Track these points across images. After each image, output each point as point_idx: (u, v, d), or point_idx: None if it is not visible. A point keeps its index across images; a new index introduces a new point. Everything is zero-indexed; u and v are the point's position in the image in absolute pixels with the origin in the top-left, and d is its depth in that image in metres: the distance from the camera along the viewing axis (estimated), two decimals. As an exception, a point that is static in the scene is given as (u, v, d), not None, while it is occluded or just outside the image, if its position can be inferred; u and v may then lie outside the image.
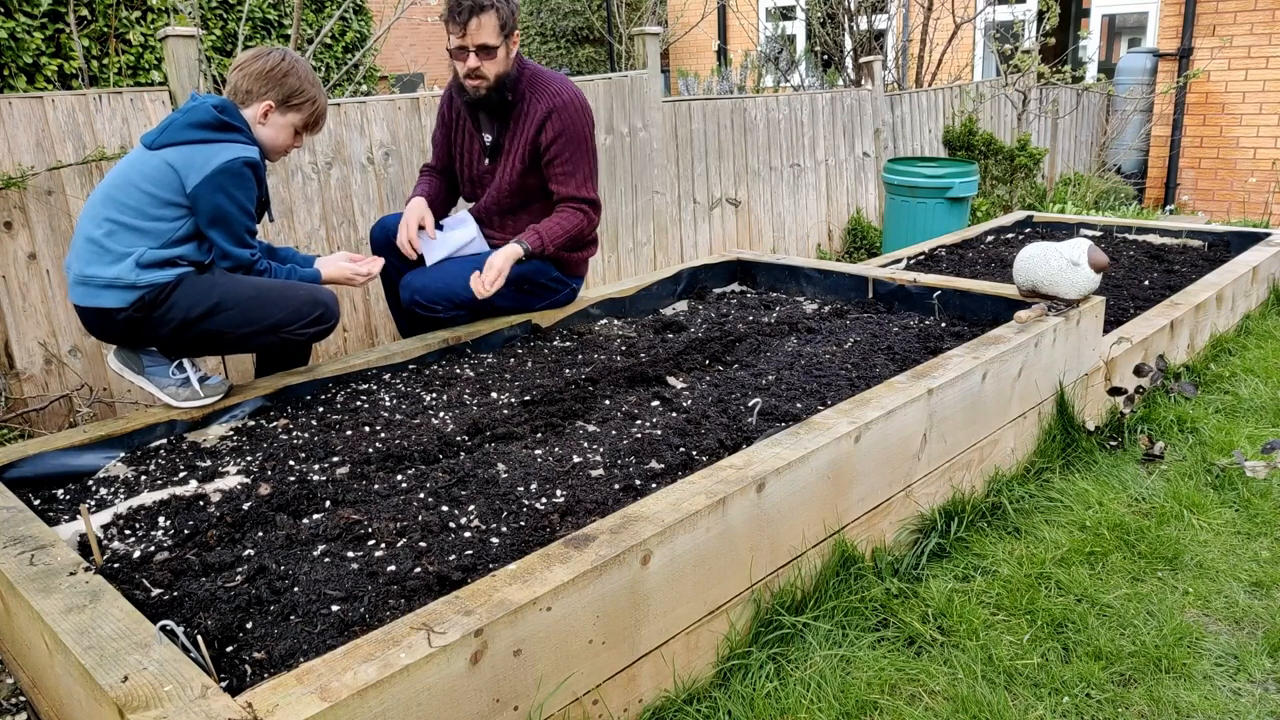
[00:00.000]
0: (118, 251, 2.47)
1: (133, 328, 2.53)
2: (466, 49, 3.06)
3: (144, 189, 2.49)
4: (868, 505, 2.37)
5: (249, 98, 2.64)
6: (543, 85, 3.22)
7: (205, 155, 2.50)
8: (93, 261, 2.47)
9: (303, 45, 6.16)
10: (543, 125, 3.19)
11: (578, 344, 3.25)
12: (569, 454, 2.36)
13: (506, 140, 3.26)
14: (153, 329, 2.54)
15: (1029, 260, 3.13)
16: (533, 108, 3.20)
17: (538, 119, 3.19)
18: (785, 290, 3.95)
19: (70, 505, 2.18)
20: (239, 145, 2.56)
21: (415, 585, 1.78)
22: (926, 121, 7.22)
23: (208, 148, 2.52)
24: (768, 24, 10.67)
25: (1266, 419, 3.43)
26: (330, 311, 2.77)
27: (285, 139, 2.72)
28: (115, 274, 2.46)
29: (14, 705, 2.02)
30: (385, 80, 10.58)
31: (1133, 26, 11.04)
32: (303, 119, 2.71)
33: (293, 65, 2.66)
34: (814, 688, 1.98)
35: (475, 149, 3.34)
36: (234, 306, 2.58)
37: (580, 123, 3.23)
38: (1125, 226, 5.52)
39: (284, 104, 2.66)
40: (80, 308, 2.54)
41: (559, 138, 3.19)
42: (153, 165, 2.50)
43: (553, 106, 3.18)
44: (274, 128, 2.68)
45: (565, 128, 3.19)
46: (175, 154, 2.50)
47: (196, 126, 2.54)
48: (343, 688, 1.38)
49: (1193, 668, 2.09)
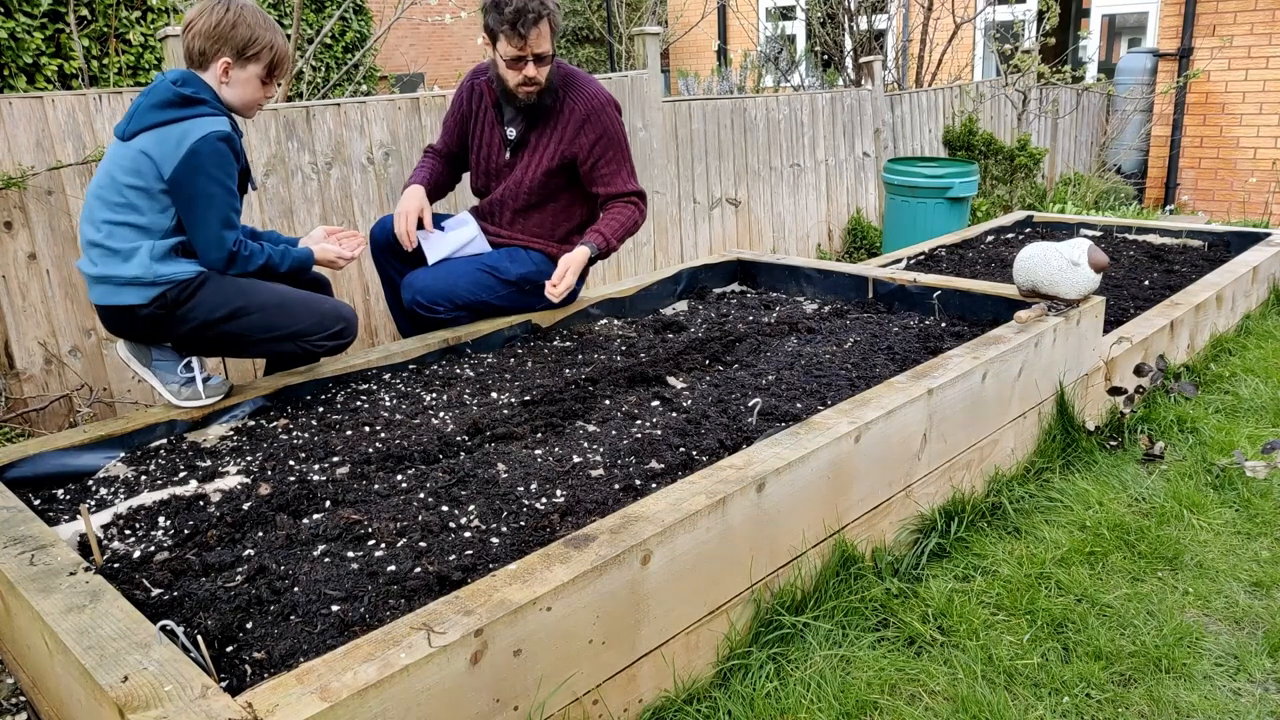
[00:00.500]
0: (125, 250, 2.46)
1: (154, 324, 2.53)
2: (525, 59, 3.03)
3: (127, 183, 2.44)
4: (868, 505, 2.37)
5: (205, 59, 2.52)
6: (578, 88, 3.22)
7: (176, 136, 2.43)
8: (105, 263, 2.47)
9: (303, 45, 6.16)
10: (580, 129, 3.19)
11: (578, 344, 3.25)
12: (569, 454, 2.36)
13: (534, 138, 3.25)
14: (175, 326, 2.54)
15: (1029, 260, 3.13)
16: (568, 111, 3.20)
17: (574, 123, 3.19)
18: (785, 290, 3.95)
19: (70, 505, 2.18)
20: (207, 119, 2.46)
21: (415, 585, 1.78)
22: (926, 121, 7.22)
23: (176, 127, 2.43)
24: (768, 24, 10.67)
25: (1266, 419, 3.43)
26: (350, 327, 2.77)
27: (253, 93, 2.59)
28: (134, 273, 2.45)
29: (14, 705, 2.02)
30: (385, 80, 10.58)
31: (1133, 26, 11.04)
32: (264, 67, 2.57)
33: (239, 14, 2.51)
34: (814, 688, 1.98)
35: (496, 142, 3.31)
36: (257, 311, 2.57)
37: (616, 121, 3.25)
38: (1125, 226, 5.52)
39: (240, 57, 2.52)
40: (101, 307, 2.54)
41: (599, 141, 3.21)
42: (129, 157, 2.45)
43: (589, 110, 3.19)
44: (238, 85, 2.56)
45: (604, 130, 3.21)
46: (147, 140, 2.44)
47: (160, 107, 2.45)
48: (343, 688, 1.38)
49: (1193, 668, 2.09)
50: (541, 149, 3.24)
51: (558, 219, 3.35)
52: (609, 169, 3.24)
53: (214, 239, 2.51)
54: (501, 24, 2.97)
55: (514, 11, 2.93)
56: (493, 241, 3.36)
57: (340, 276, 3.87)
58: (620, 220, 3.24)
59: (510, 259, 3.30)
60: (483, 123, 3.31)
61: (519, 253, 3.33)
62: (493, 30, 3.02)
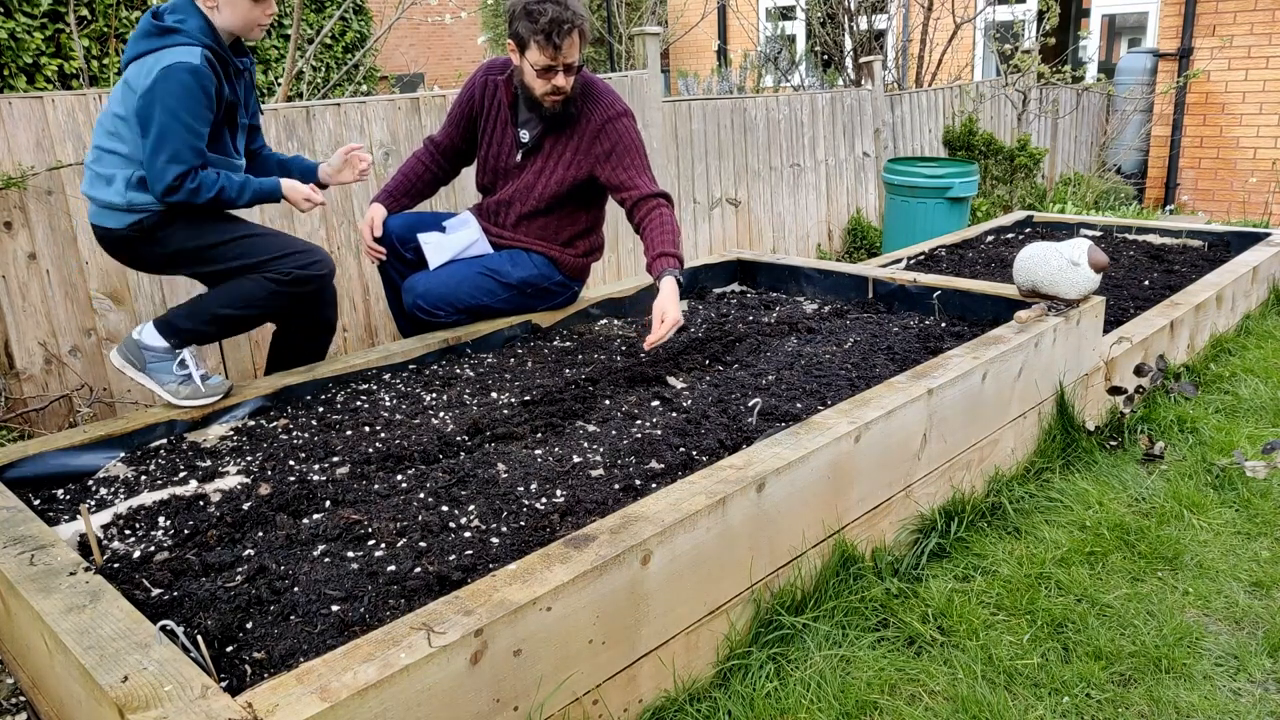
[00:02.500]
0: (106, 175, 2.56)
1: (133, 246, 2.64)
2: (555, 69, 3.00)
3: (115, 112, 2.53)
4: (868, 505, 2.37)
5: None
6: (595, 97, 3.21)
7: (149, 66, 2.45)
8: (94, 186, 2.60)
9: (303, 45, 6.16)
10: (597, 138, 3.18)
11: (578, 344, 3.25)
12: (569, 454, 2.36)
13: (548, 144, 3.23)
14: (152, 249, 2.64)
15: (1029, 260, 3.13)
16: (585, 121, 3.19)
17: (591, 133, 3.18)
18: (785, 290, 3.95)
19: (70, 505, 2.18)
20: (178, 48, 2.45)
21: (415, 585, 1.78)
22: (926, 121, 7.22)
23: (151, 57, 2.46)
24: (768, 24, 10.67)
25: (1266, 419, 3.43)
26: (325, 261, 2.73)
27: (246, 11, 2.54)
28: (109, 198, 2.56)
29: (14, 705, 2.02)
30: (385, 80, 10.59)
31: (1133, 26, 11.04)
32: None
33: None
34: (814, 688, 1.98)
35: (508, 143, 3.28)
36: (230, 241, 2.62)
37: (633, 129, 3.23)
38: (1125, 226, 5.52)
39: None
40: (91, 224, 2.66)
41: (615, 149, 3.18)
42: (119, 87, 2.54)
43: (606, 119, 3.18)
44: (226, 7, 2.52)
45: (620, 138, 3.19)
46: (131, 70, 2.51)
47: (141, 37, 2.51)
48: (343, 688, 1.38)
49: (1193, 668, 2.09)
50: (556, 156, 3.22)
51: (562, 223, 3.34)
52: (630, 174, 3.20)
53: (157, 171, 2.48)
54: (535, 33, 2.92)
55: (550, 22, 2.89)
56: (495, 242, 3.36)
57: (341, 276, 3.87)
58: (669, 226, 3.15)
59: (512, 262, 3.30)
60: (495, 121, 3.29)
61: (521, 255, 3.32)
62: (522, 38, 2.97)
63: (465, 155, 3.44)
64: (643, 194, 3.16)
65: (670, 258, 3.04)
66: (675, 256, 3.05)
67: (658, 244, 3.07)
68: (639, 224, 3.17)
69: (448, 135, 3.38)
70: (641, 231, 3.15)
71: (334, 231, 3.84)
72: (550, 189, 3.24)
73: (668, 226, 3.12)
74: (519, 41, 3.00)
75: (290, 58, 4.56)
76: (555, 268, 3.36)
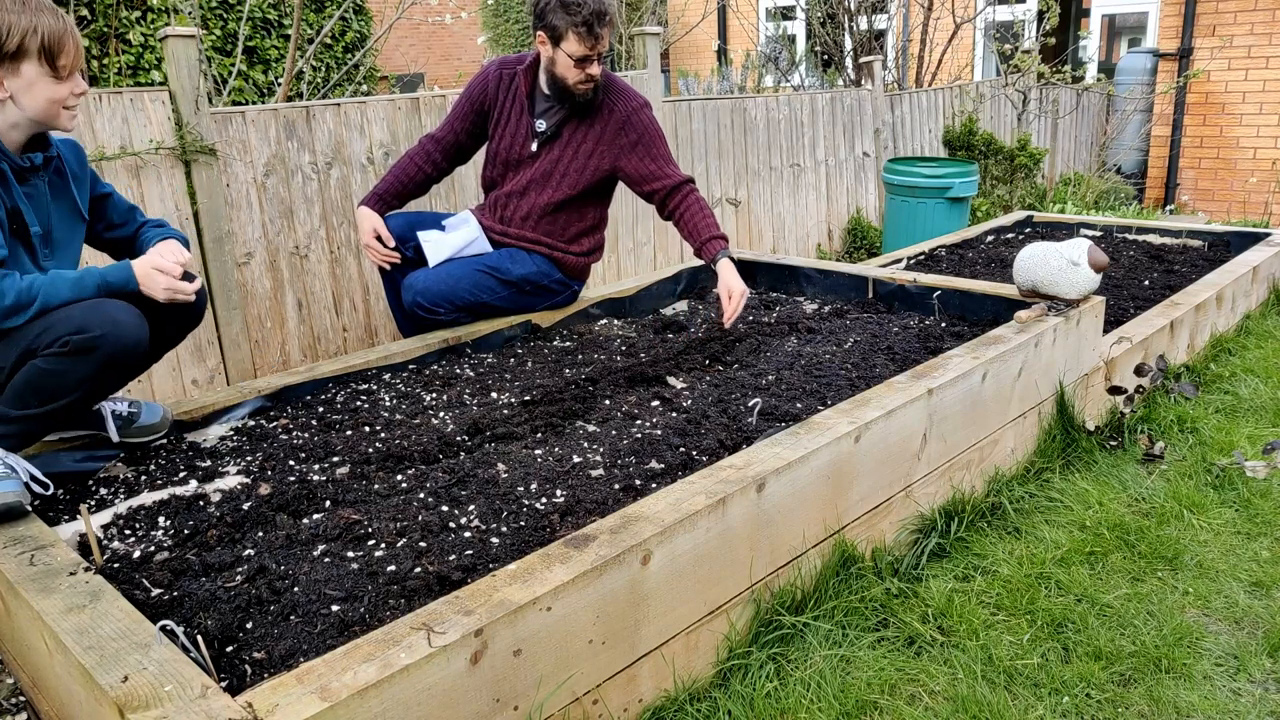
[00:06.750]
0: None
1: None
2: (592, 58, 3.05)
3: None
4: (868, 505, 2.37)
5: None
6: (618, 89, 3.26)
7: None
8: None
9: (303, 45, 6.16)
10: (621, 130, 3.22)
11: (578, 344, 3.26)
12: (569, 454, 2.36)
13: (567, 133, 3.25)
14: None
15: (1029, 260, 3.13)
16: (608, 111, 3.23)
17: (615, 125, 3.22)
18: (785, 290, 3.95)
19: (70, 505, 2.18)
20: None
21: (415, 585, 1.78)
22: (926, 121, 7.22)
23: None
24: (768, 24, 10.67)
25: (1266, 419, 3.43)
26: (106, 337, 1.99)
27: (42, 96, 2.02)
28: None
29: (14, 705, 2.02)
30: (385, 80, 10.58)
31: (1133, 26, 11.04)
32: (34, 65, 1.98)
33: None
34: (814, 688, 1.98)
35: (522, 132, 3.28)
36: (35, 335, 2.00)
37: (655, 120, 3.29)
38: (1125, 226, 5.52)
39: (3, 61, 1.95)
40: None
41: (641, 139, 3.23)
42: None
43: (629, 110, 3.23)
44: (21, 94, 2.00)
45: (644, 129, 3.24)
46: None
47: None
48: (343, 688, 1.38)
49: (1193, 668, 2.09)
50: (575, 144, 3.24)
51: (571, 219, 3.35)
52: (659, 164, 3.25)
53: None
54: (575, 25, 2.97)
55: (591, 13, 2.95)
56: (495, 240, 3.35)
57: (341, 275, 3.87)
58: (707, 212, 3.23)
59: (512, 260, 3.30)
60: (510, 111, 3.29)
61: (520, 254, 3.32)
62: (558, 30, 3.00)
63: (466, 151, 3.43)
64: (675, 182, 3.24)
65: (719, 240, 3.18)
66: (723, 238, 3.19)
67: (703, 229, 3.19)
68: (675, 211, 3.25)
69: (451, 129, 3.37)
70: (680, 219, 3.24)
71: (334, 232, 3.84)
72: (570, 178, 3.26)
73: (706, 210, 3.23)
74: (553, 33, 3.04)
75: (290, 58, 4.56)
76: (555, 266, 3.36)
